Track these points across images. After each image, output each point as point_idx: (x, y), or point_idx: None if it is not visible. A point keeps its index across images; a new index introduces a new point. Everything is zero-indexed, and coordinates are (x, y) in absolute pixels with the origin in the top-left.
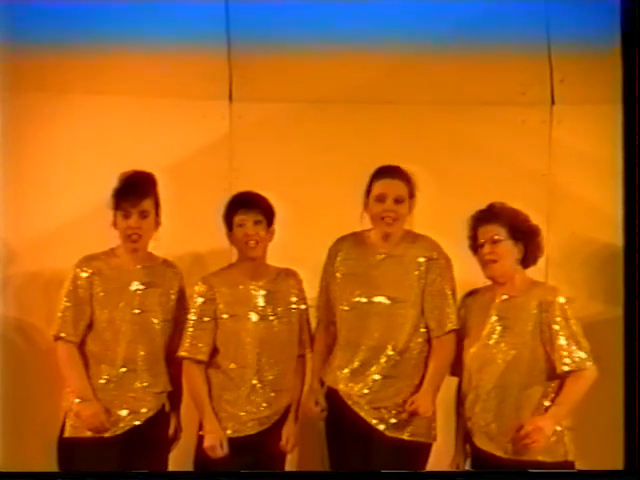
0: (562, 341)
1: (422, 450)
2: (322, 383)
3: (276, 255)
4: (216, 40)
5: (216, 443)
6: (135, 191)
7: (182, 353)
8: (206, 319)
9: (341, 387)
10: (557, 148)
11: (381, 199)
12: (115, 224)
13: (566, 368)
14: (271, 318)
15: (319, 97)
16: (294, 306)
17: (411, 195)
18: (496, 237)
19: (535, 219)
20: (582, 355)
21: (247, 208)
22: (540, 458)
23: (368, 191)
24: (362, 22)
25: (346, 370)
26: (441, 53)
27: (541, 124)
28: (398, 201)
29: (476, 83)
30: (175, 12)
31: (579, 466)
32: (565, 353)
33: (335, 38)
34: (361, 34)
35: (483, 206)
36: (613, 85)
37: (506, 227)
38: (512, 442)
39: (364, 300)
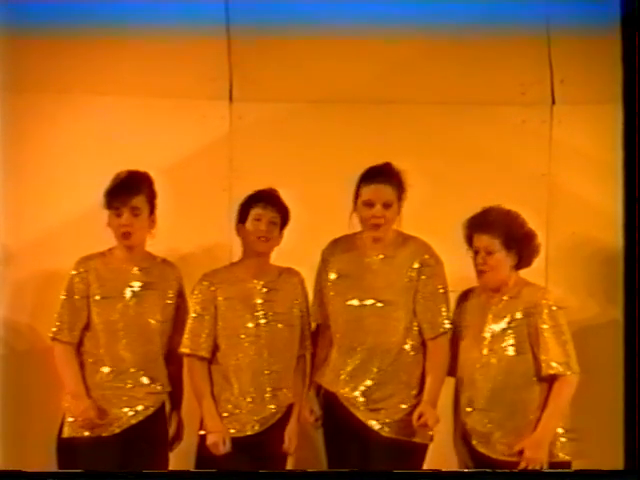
0: (549, 343)
1: (418, 451)
2: (318, 388)
3: (277, 254)
4: (216, 40)
5: (219, 440)
6: (126, 189)
7: (183, 350)
8: (207, 316)
9: (337, 390)
10: (557, 148)
11: (369, 204)
12: (109, 224)
13: (551, 371)
14: (271, 317)
15: (319, 97)
16: (296, 306)
17: (400, 197)
18: (490, 248)
19: (535, 219)
20: (568, 359)
21: (267, 204)
22: None
23: (357, 194)
24: (363, 22)
25: (342, 373)
26: (441, 53)
27: (541, 124)
28: (387, 206)
29: (476, 83)
30: (175, 12)
31: (579, 466)
32: (551, 356)
33: (336, 38)
34: (362, 34)
35: (479, 211)
36: (613, 85)
37: (500, 238)
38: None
39: (357, 303)
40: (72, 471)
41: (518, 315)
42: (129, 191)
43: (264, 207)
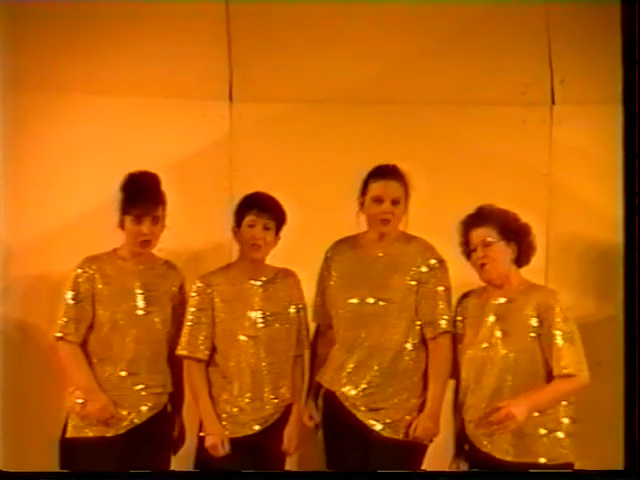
0: (561, 345)
1: (418, 451)
2: (319, 388)
3: (276, 255)
4: (216, 40)
5: (218, 442)
6: (147, 196)
7: (181, 351)
8: (204, 317)
9: (338, 389)
10: (557, 148)
11: (378, 200)
12: (122, 226)
13: (565, 371)
14: (269, 317)
15: (319, 97)
16: (292, 306)
17: (407, 195)
18: (488, 239)
19: (535, 219)
20: (579, 361)
21: (260, 210)
22: (541, 460)
23: (364, 192)
24: (362, 22)
25: (342, 371)
26: (441, 53)
27: (541, 124)
28: (395, 202)
29: (476, 83)
30: (175, 12)
31: (579, 466)
32: (564, 358)
33: (336, 38)
34: (361, 34)
35: (473, 211)
36: (613, 85)
37: (497, 228)
38: (480, 422)
39: (359, 302)
40: (70, 472)
41: (528, 317)
42: (151, 200)
43: (258, 213)
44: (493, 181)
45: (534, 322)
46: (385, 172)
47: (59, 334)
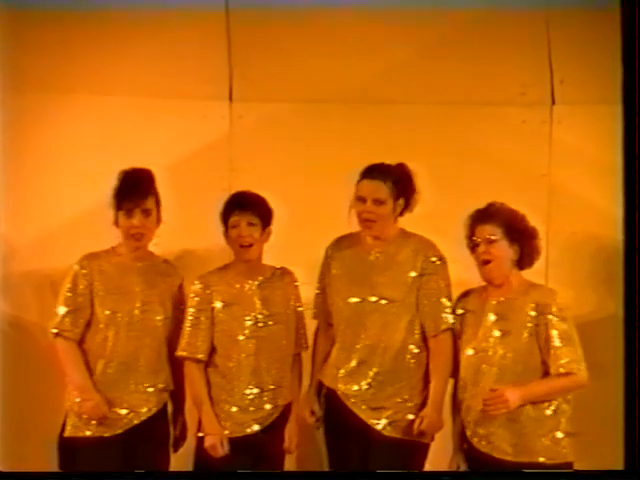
0: (558, 344)
1: (420, 450)
2: (320, 387)
3: (275, 255)
4: (216, 40)
5: (217, 442)
6: (137, 190)
7: (180, 353)
8: (203, 318)
9: (339, 387)
10: (557, 148)
11: (361, 200)
12: (117, 223)
13: (561, 370)
14: (267, 317)
15: (319, 97)
16: (290, 305)
17: (398, 195)
18: (492, 237)
19: (536, 219)
20: (577, 360)
21: (241, 209)
22: (540, 460)
23: (355, 189)
24: (362, 22)
25: (343, 370)
26: (441, 53)
27: (541, 124)
28: (378, 202)
29: (476, 83)
30: (175, 12)
31: (579, 467)
32: (561, 356)
33: (336, 38)
34: (361, 34)
35: (483, 206)
36: (613, 85)
37: (502, 227)
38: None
39: (359, 300)
40: (69, 472)
41: (526, 316)
42: (141, 192)
43: (239, 213)
44: (493, 181)
45: (532, 321)
46: (372, 171)
47: (55, 330)
